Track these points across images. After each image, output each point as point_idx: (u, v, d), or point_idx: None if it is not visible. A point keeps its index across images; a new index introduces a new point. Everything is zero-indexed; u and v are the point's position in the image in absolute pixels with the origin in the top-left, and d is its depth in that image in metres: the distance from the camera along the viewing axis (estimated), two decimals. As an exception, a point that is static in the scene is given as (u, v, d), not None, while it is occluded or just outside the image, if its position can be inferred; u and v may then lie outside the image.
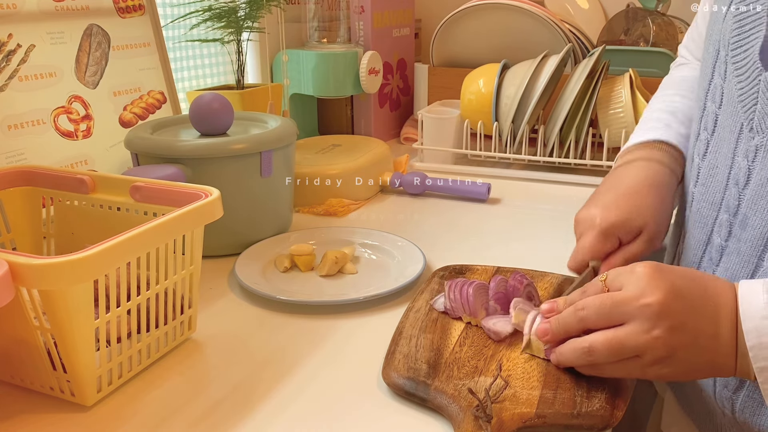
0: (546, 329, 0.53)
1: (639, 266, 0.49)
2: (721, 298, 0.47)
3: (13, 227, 0.66)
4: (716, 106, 0.56)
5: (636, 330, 0.47)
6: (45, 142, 0.83)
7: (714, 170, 0.56)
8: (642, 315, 0.47)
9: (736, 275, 0.54)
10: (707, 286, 0.48)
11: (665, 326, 0.46)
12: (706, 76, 0.58)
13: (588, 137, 1.07)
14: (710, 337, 0.47)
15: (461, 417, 0.47)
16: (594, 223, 0.61)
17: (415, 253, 0.76)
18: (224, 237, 0.78)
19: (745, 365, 0.46)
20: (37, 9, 0.84)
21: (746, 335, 0.45)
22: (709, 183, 0.57)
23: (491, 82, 1.12)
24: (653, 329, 0.46)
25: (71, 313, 0.47)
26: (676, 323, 0.46)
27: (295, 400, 0.53)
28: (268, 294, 0.67)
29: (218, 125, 0.80)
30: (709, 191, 0.57)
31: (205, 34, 1.03)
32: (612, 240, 0.60)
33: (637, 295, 0.47)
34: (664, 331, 0.46)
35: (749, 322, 0.45)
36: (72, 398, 0.52)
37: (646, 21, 1.22)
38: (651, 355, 0.47)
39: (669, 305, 0.46)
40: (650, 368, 0.48)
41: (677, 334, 0.46)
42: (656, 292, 0.47)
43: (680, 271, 0.49)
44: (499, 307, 0.60)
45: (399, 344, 0.57)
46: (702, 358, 0.47)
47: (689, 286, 0.48)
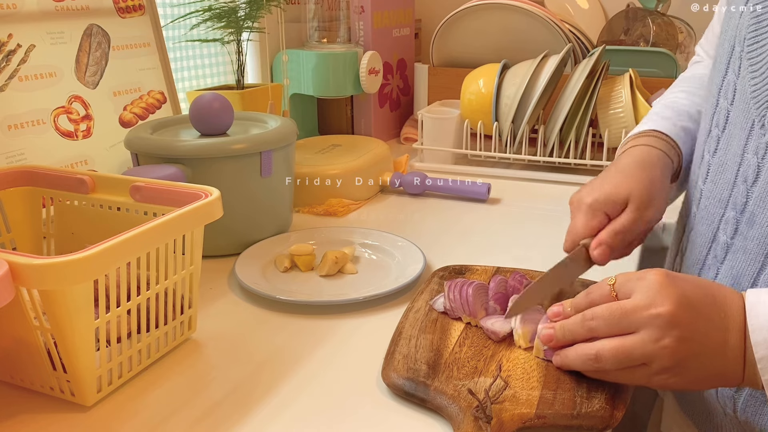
0: (550, 335, 0.53)
1: (650, 273, 0.49)
2: (730, 308, 0.47)
3: (13, 227, 0.66)
4: (728, 102, 0.56)
5: (645, 339, 0.47)
6: (45, 142, 0.83)
7: (723, 167, 0.56)
8: (652, 324, 0.46)
9: (741, 273, 0.54)
10: (716, 295, 0.48)
11: (674, 336, 0.46)
12: (720, 72, 0.58)
13: (588, 137, 1.07)
14: (719, 347, 0.46)
15: (461, 417, 0.48)
16: (581, 201, 0.61)
17: (415, 253, 0.76)
18: (224, 237, 0.78)
19: (753, 375, 0.46)
20: (37, 9, 0.84)
21: (755, 347, 0.45)
22: (718, 180, 0.57)
23: (491, 82, 1.12)
24: (662, 339, 0.46)
25: (71, 313, 0.47)
26: (685, 333, 0.46)
27: (294, 400, 0.53)
28: (268, 294, 0.67)
29: (218, 125, 0.80)
30: (717, 188, 0.56)
31: (205, 34, 1.03)
32: (599, 215, 0.60)
33: (647, 305, 0.47)
34: (673, 341, 0.46)
35: (758, 333, 0.45)
36: (72, 398, 0.52)
37: (646, 21, 1.22)
38: (658, 364, 0.47)
39: (679, 315, 0.46)
40: (656, 377, 0.47)
41: (686, 344, 0.46)
42: (666, 301, 0.46)
43: (690, 280, 0.49)
44: (499, 307, 0.60)
45: (399, 344, 0.57)
46: (710, 367, 0.47)
47: (699, 295, 0.47)
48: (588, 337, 0.50)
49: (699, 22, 1.29)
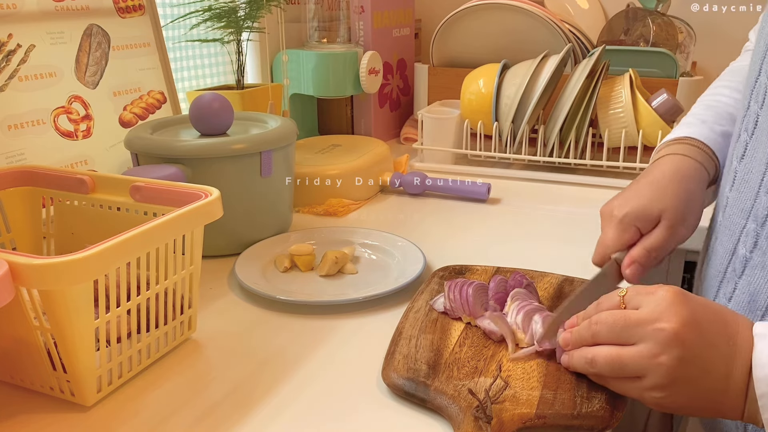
0: (567, 339, 0.52)
1: (661, 289, 0.47)
2: (741, 337, 0.45)
3: (13, 227, 0.66)
4: (758, 105, 0.53)
5: (642, 352, 0.46)
6: (45, 142, 0.83)
7: (748, 175, 0.53)
8: (652, 339, 0.45)
9: (758, 290, 0.51)
10: (728, 321, 0.46)
11: (674, 355, 0.45)
12: (754, 73, 0.55)
13: (588, 137, 1.07)
14: (720, 376, 0.45)
15: (461, 418, 0.47)
16: (612, 214, 0.60)
17: (415, 253, 0.76)
18: (224, 237, 0.78)
19: (753, 411, 0.44)
20: (37, 9, 0.84)
21: (756, 383, 0.44)
22: (742, 188, 0.54)
23: (491, 82, 1.12)
24: (660, 355, 0.45)
25: (71, 313, 0.47)
26: (686, 354, 0.45)
27: (294, 400, 0.53)
28: (268, 294, 0.67)
29: (218, 125, 0.80)
30: (741, 197, 0.54)
31: (205, 34, 1.03)
32: (630, 230, 0.58)
33: (652, 319, 0.46)
34: (670, 359, 0.45)
35: (761, 369, 0.44)
36: (72, 398, 0.52)
37: (646, 21, 1.22)
38: (651, 381, 0.46)
39: (683, 335, 0.45)
40: (648, 393, 0.46)
41: (684, 366, 0.45)
42: (673, 318, 0.45)
43: (703, 302, 0.47)
44: (499, 307, 0.60)
45: (399, 345, 0.57)
46: (707, 396, 0.45)
47: (709, 318, 0.46)
48: (592, 341, 0.50)
49: (699, 22, 1.29)
